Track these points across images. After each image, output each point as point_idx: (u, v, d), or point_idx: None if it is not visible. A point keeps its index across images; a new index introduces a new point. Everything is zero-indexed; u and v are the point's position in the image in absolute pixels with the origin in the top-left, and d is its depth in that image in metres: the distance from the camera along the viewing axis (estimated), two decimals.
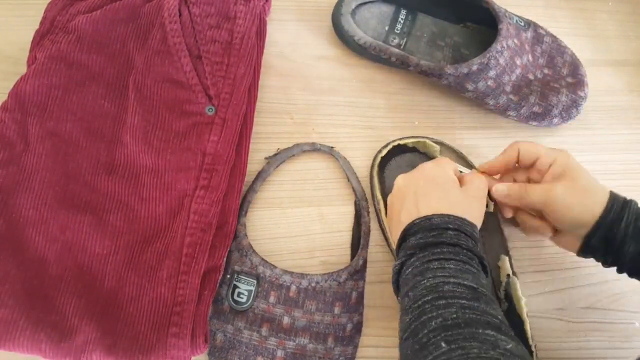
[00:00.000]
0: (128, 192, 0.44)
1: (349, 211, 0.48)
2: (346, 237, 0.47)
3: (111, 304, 0.40)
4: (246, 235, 0.44)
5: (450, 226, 0.37)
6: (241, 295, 0.42)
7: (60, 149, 0.44)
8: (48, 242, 0.41)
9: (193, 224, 0.41)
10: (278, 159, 0.48)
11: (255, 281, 0.42)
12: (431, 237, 0.36)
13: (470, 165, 0.49)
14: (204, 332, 0.40)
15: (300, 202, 0.48)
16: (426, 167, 0.42)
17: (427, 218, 0.37)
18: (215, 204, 0.42)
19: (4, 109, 0.44)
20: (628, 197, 0.40)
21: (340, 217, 0.48)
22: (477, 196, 0.41)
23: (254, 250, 0.43)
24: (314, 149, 0.49)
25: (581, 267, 0.48)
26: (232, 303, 0.41)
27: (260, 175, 0.47)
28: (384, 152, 0.48)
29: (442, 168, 0.42)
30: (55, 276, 0.40)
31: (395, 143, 0.49)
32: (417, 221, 0.38)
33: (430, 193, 0.39)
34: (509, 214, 0.45)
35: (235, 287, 0.42)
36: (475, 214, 0.40)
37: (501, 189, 0.43)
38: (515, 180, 0.45)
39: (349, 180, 0.49)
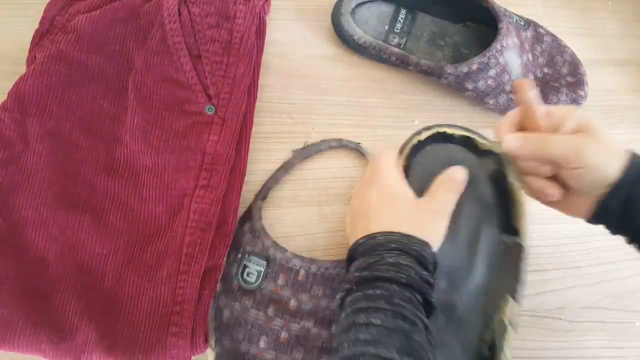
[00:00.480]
0: (128, 192, 0.44)
1: None
2: None
3: (111, 303, 0.39)
4: (261, 218, 0.45)
5: (393, 245, 0.33)
6: (250, 275, 0.42)
7: (59, 149, 0.44)
8: (48, 242, 0.41)
9: (193, 223, 0.41)
10: (304, 152, 0.49)
11: (265, 262, 0.42)
12: (368, 265, 0.32)
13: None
14: (204, 331, 0.40)
15: (303, 202, 0.48)
16: (380, 174, 0.38)
17: (372, 237, 0.34)
18: (215, 203, 0.42)
19: (3, 109, 0.44)
20: None
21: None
22: (437, 210, 0.36)
23: (266, 233, 0.44)
24: (341, 145, 0.50)
25: (581, 267, 0.48)
26: (241, 282, 0.42)
27: (284, 166, 0.48)
28: (424, 135, 0.41)
29: (393, 178, 0.37)
30: (55, 276, 0.40)
31: (442, 130, 0.41)
32: (361, 240, 0.35)
33: (380, 208, 0.36)
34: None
35: (245, 266, 0.42)
36: (432, 230, 0.35)
37: (514, 139, 0.36)
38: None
39: None
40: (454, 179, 0.38)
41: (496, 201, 0.40)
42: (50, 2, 0.49)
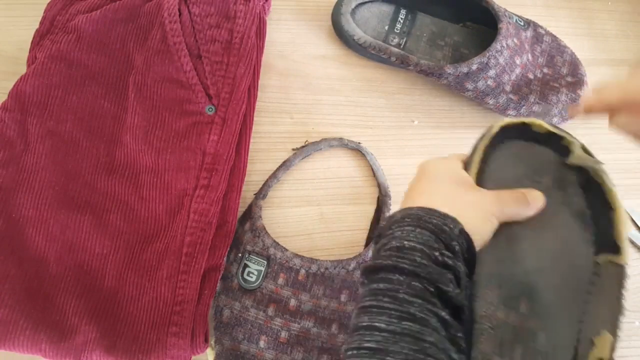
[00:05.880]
0: (128, 192, 0.44)
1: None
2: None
3: (111, 303, 0.40)
4: (261, 217, 0.45)
5: (407, 220, 0.28)
6: (251, 275, 0.42)
7: (60, 149, 0.44)
8: (48, 241, 0.41)
9: (193, 223, 0.41)
10: (305, 151, 0.49)
11: (265, 262, 0.43)
12: (376, 251, 0.29)
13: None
14: (204, 331, 0.40)
15: (303, 201, 0.48)
16: (438, 160, 0.35)
17: (393, 214, 0.30)
18: (215, 203, 0.42)
19: (3, 109, 0.44)
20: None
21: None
22: (488, 207, 0.31)
23: (266, 232, 0.44)
24: (342, 144, 0.50)
25: None
26: (242, 281, 0.42)
27: (285, 164, 0.48)
28: (497, 127, 0.35)
29: (452, 163, 0.34)
30: (55, 276, 0.40)
31: (528, 121, 0.34)
32: (385, 221, 0.31)
33: (425, 184, 0.32)
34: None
35: (246, 266, 0.43)
36: (471, 219, 0.30)
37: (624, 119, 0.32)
38: None
39: (375, 175, 0.49)
40: (527, 200, 0.33)
41: (588, 211, 0.34)
42: (51, 2, 0.49)
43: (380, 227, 0.31)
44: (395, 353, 0.24)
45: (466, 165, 0.35)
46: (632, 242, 0.50)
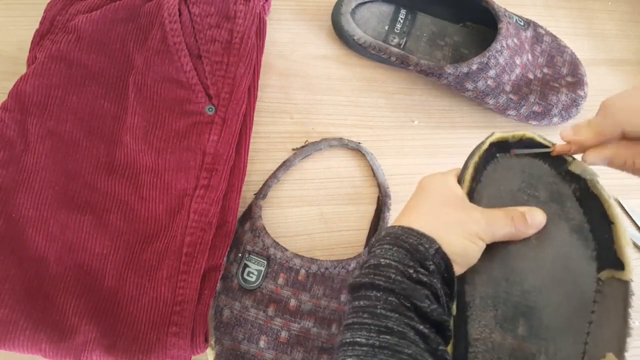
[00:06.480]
0: (128, 192, 0.44)
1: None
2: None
3: (111, 303, 0.40)
4: (261, 217, 0.45)
5: (387, 239, 0.29)
6: (251, 275, 0.42)
7: (60, 149, 0.44)
8: (48, 241, 0.41)
9: (193, 223, 0.41)
10: (305, 151, 0.49)
11: (265, 262, 0.43)
12: (360, 268, 0.30)
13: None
14: (204, 331, 0.40)
15: (303, 201, 0.48)
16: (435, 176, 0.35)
17: (379, 231, 0.32)
18: (215, 203, 0.42)
19: (3, 109, 0.44)
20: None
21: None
22: (479, 226, 0.31)
23: (266, 232, 0.44)
24: (342, 144, 0.50)
25: None
26: (242, 281, 0.42)
27: (285, 164, 0.48)
28: (487, 144, 0.34)
29: (449, 180, 0.34)
30: (55, 276, 0.40)
31: (506, 135, 0.34)
32: (382, 230, 0.32)
33: (417, 200, 0.33)
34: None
35: (246, 266, 0.43)
36: (455, 240, 0.30)
37: (596, 157, 0.32)
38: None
39: (374, 175, 0.49)
40: (526, 220, 0.32)
41: (587, 226, 0.33)
42: (51, 2, 0.49)
43: (370, 243, 0.32)
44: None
45: (459, 183, 0.34)
46: (633, 242, 0.50)
